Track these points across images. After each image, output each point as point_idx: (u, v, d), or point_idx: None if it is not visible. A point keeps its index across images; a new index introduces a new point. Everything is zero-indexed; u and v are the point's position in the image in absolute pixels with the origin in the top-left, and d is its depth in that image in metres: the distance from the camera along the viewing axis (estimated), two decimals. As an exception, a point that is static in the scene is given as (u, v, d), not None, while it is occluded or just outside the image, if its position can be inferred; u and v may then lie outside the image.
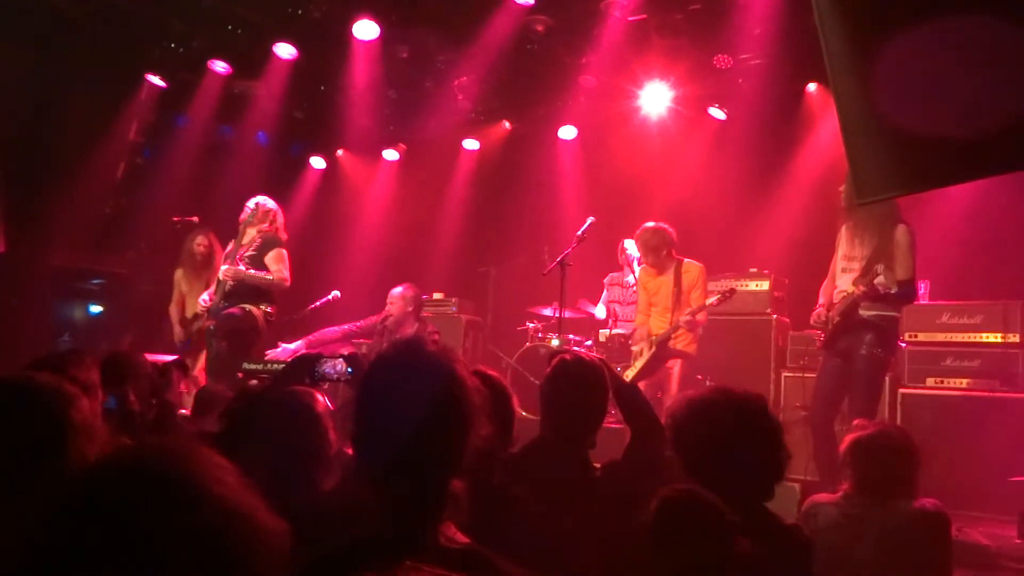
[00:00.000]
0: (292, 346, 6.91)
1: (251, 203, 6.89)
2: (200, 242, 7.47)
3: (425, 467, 1.77)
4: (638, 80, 8.81)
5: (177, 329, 7.43)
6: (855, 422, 3.87)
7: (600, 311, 8.23)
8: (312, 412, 2.62)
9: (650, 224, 6.87)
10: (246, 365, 6.17)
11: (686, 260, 6.78)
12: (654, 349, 6.64)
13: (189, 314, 7.40)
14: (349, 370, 2.84)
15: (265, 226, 6.78)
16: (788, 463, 2.40)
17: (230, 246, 6.95)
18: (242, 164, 9.49)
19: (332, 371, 2.84)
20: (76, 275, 9.24)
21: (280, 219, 6.96)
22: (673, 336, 6.57)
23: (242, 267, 6.55)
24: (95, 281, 8.76)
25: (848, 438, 3.28)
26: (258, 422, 2.59)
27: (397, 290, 7.29)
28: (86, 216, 8.81)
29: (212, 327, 6.58)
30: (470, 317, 8.74)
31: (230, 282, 6.59)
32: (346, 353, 2.89)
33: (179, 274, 7.60)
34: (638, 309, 7.07)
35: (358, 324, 7.36)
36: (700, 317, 6.53)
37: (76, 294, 9.30)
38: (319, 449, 2.57)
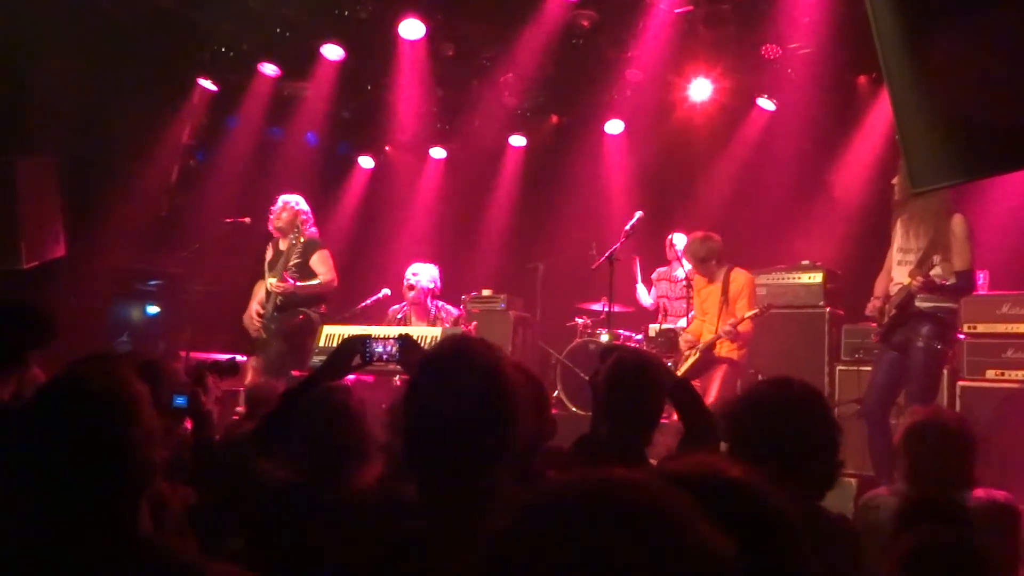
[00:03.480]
0: None
1: (279, 204, 6.94)
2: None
3: (472, 460, 1.81)
4: (685, 72, 8.75)
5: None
6: (910, 410, 3.81)
7: (641, 293, 8.18)
8: (346, 408, 2.66)
9: (698, 234, 6.85)
10: (314, 361, 6.23)
11: (735, 269, 6.71)
12: (698, 354, 6.63)
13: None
14: (397, 350, 2.84)
15: (301, 227, 6.84)
16: (841, 470, 2.36)
17: (269, 253, 7.05)
18: (291, 164, 9.60)
19: (384, 350, 2.85)
20: (133, 276, 9.44)
21: (309, 215, 6.99)
22: (717, 343, 6.55)
23: (291, 280, 6.63)
24: (152, 282, 8.94)
25: (902, 425, 3.23)
26: (292, 420, 2.63)
27: (421, 267, 7.29)
28: (142, 218, 8.98)
29: (272, 328, 6.69)
30: (519, 313, 8.75)
31: (280, 297, 6.68)
32: (399, 334, 2.90)
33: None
34: (695, 310, 7.05)
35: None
36: (742, 328, 6.45)
37: (134, 295, 9.50)
38: (354, 445, 2.60)
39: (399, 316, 7.39)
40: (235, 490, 2.76)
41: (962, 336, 6.42)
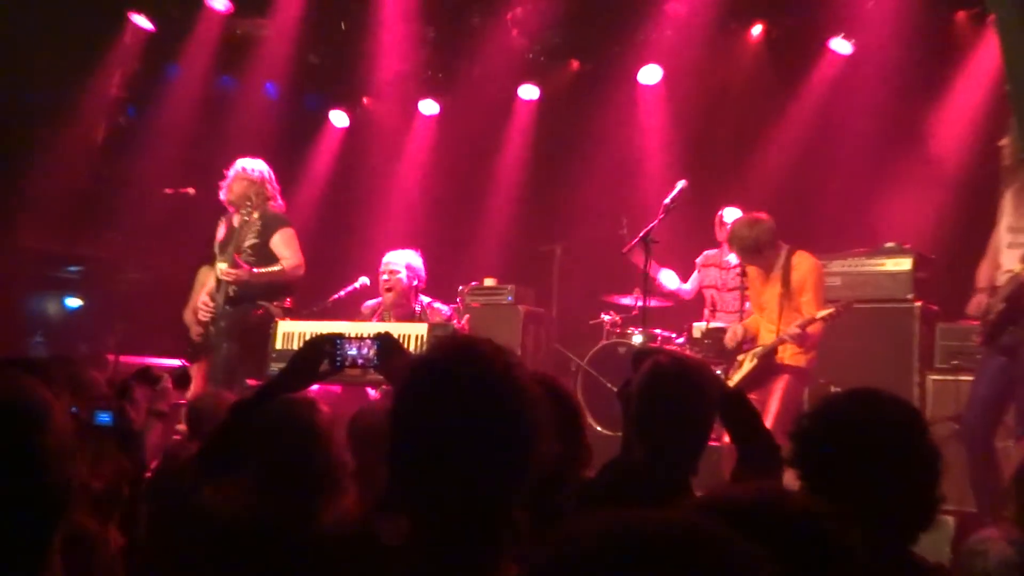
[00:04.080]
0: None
1: (232, 171, 6.93)
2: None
3: (478, 493, 1.80)
4: (741, 4, 8.72)
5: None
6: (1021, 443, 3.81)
7: (667, 278, 8.09)
8: (311, 426, 2.66)
9: (743, 218, 6.78)
10: (272, 367, 6.23)
11: (797, 253, 6.63)
12: (756, 361, 6.60)
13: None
14: (375, 354, 2.83)
15: (260, 199, 6.81)
16: (940, 507, 2.35)
17: (220, 231, 7.02)
18: (247, 122, 9.61)
19: (359, 353, 2.84)
20: (49, 262, 9.46)
21: (273, 184, 6.99)
22: (779, 347, 6.51)
23: (246, 265, 6.62)
24: (72, 269, 8.97)
25: (1014, 462, 3.23)
26: (243, 441, 2.63)
27: (399, 255, 7.28)
28: (60, 190, 9.00)
29: (223, 325, 6.68)
30: (530, 308, 8.75)
31: (233, 286, 6.68)
32: (378, 332, 2.90)
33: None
34: (751, 303, 7.02)
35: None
36: (811, 329, 6.41)
37: (50, 285, 9.53)
38: (321, 472, 2.60)
39: (374, 318, 7.38)
40: (175, 529, 2.77)
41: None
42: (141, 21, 9.00)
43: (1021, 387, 5.32)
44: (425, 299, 7.51)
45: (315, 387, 6.69)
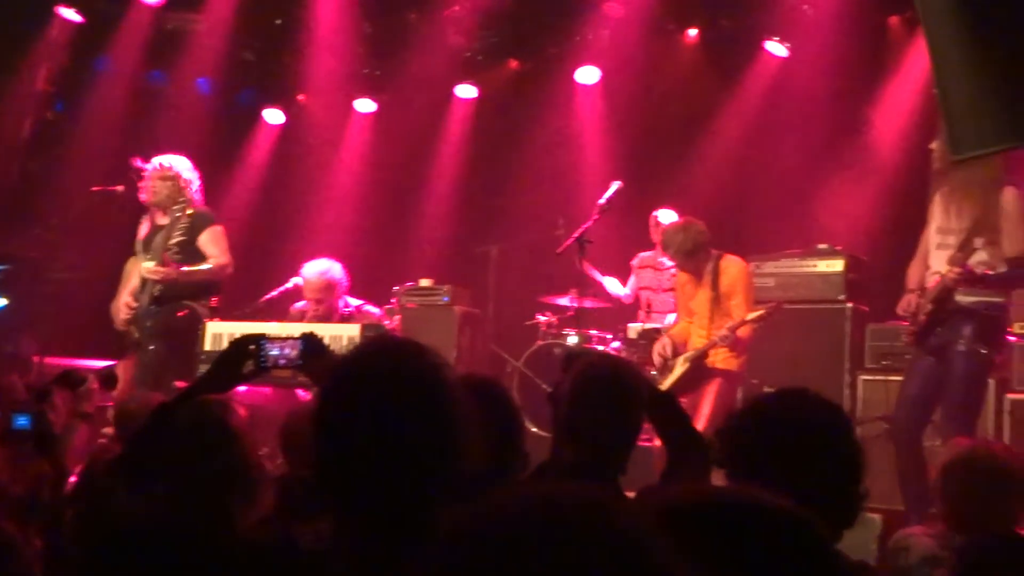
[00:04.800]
0: None
1: (152, 171, 6.83)
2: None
3: (402, 494, 1.80)
4: (677, 7, 8.78)
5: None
6: (952, 441, 3.87)
7: (612, 284, 8.19)
8: (224, 427, 2.63)
9: (675, 224, 6.84)
10: (202, 369, 6.17)
11: (725, 257, 6.69)
12: (687, 365, 6.64)
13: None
14: (300, 352, 2.81)
15: (182, 196, 6.71)
16: (864, 503, 2.38)
17: (144, 228, 6.92)
18: (179, 118, 9.49)
19: (282, 354, 2.81)
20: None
21: (192, 180, 6.88)
22: (710, 351, 6.56)
23: (172, 264, 6.52)
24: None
25: (940, 461, 3.28)
26: (160, 444, 2.59)
27: (315, 270, 7.22)
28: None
29: (148, 325, 6.58)
30: (466, 309, 8.73)
31: (159, 285, 6.57)
32: (302, 332, 2.87)
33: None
34: (678, 310, 7.06)
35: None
36: (742, 333, 6.48)
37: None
38: (237, 475, 2.58)
39: (304, 317, 7.32)
40: (95, 534, 2.72)
41: (1013, 338, 6.53)
42: (69, 14, 8.84)
43: (949, 387, 5.41)
44: (355, 301, 7.46)
45: (243, 388, 6.67)
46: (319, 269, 7.25)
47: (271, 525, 2.38)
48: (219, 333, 6.26)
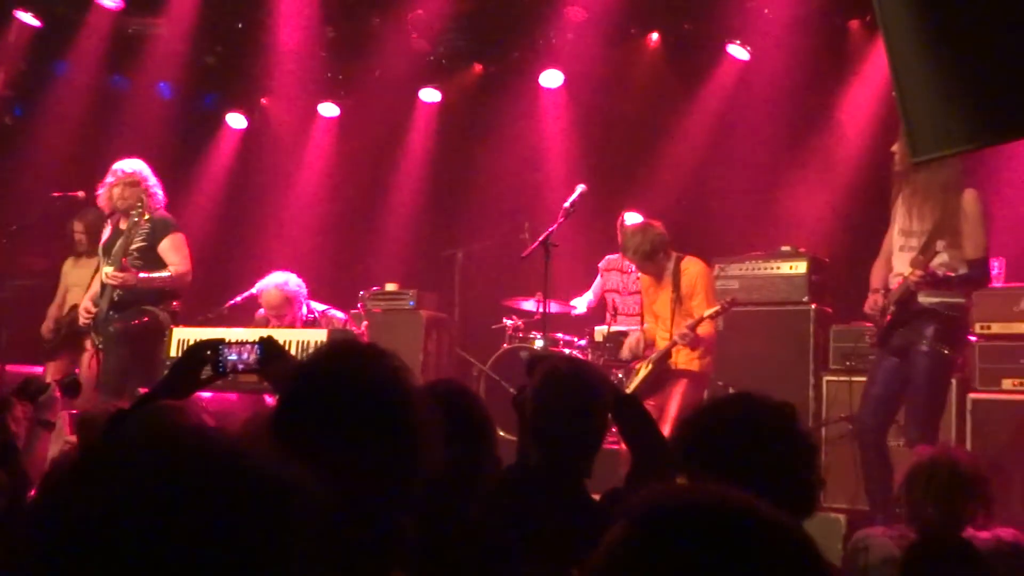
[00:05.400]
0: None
1: (113, 176, 6.79)
2: (77, 229, 7.65)
3: (362, 498, 1.80)
4: (639, 11, 8.81)
5: (47, 324, 7.61)
6: (915, 450, 3.91)
7: (579, 303, 8.25)
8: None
9: (632, 227, 6.87)
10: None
11: (685, 259, 6.74)
12: (651, 367, 6.68)
13: (66, 309, 7.57)
14: (258, 356, 2.82)
15: (146, 202, 6.68)
16: (820, 490, 2.42)
17: (106, 234, 6.90)
18: (139, 123, 9.41)
19: (240, 359, 2.82)
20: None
21: (154, 185, 6.85)
22: (673, 351, 6.59)
23: (132, 270, 6.50)
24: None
25: (905, 467, 3.33)
26: (114, 451, 2.58)
27: (270, 284, 7.22)
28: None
29: (111, 331, 6.54)
30: (432, 313, 8.73)
31: (119, 291, 6.54)
32: (260, 336, 2.87)
33: (67, 265, 7.74)
34: (643, 313, 7.09)
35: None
36: (702, 331, 6.50)
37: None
38: None
39: (269, 323, 7.29)
40: (47, 542, 2.68)
41: (974, 338, 6.61)
42: (26, 18, 8.75)
43: (912, 388, 5.46)
44: (320, 307, 7.44)
45: (209, 394, 6.63)
46: (275, 282, 7.23)
47: None
48: (184, 339, 6.23)
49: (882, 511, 5.22)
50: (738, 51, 8.91)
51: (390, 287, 8.90)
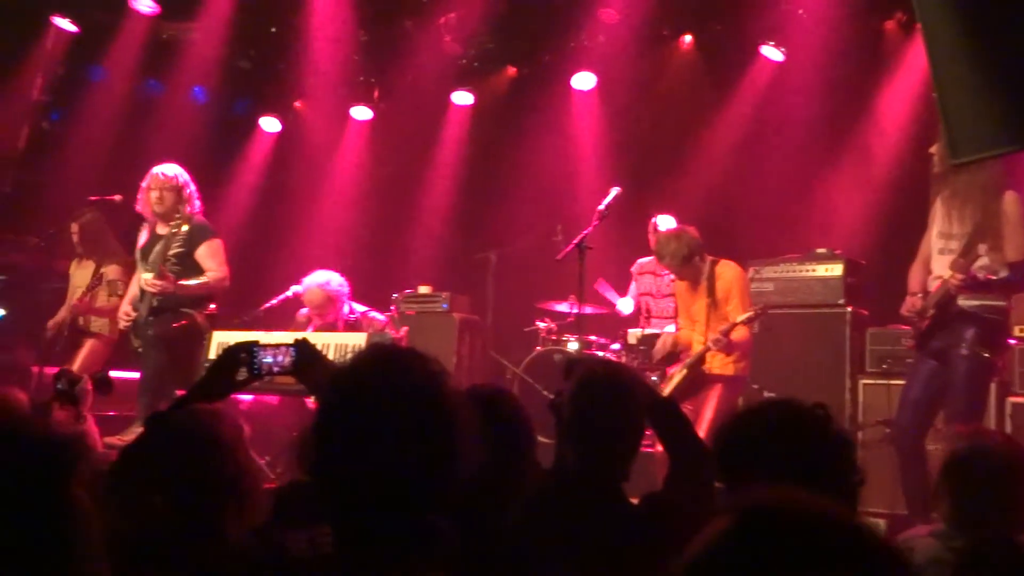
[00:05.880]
0: None
1: (152, 181, 6.85)
2: (73, 230, 7.75)
3: (402, 501, 1.82)
4: (671, 12, 8.79)
5: (51, 324, 7.68)
6: (950, 431, 3.85)
7: (625, 304, 8.23)
8: (214, 435, 2.63)
9: (667, 232, 6.85)
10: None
11: (720, 263, 6.72)
12: (686, 372, 6.66)
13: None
14: (293, 358, 2.84)
15: (182, 208, 6.74)
16: (860, 490, 2.40)
17: (142, 237, 6.95)
18: (175, 127, 9.49)
19: (274, 361, 2.84)
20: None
21: (192, 190, 6.93)
22: (707, 356, 6.57)
23: (171, 277, 6.55)
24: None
25: (941, 453, 3.27)
26: (152, 453, 2.60)
27: (314, 283, 7.27)
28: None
29: (150, 335, 6.61)
30: (465, 316, 8.74)
31: (157, 297, 6.61)
32: (295, 339, 2.89)
33: (72, 266, 7.95)
34: (678, 316, 7.08)
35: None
36: (736, 336, 6.47)
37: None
38: (226, 484, 2.57)
39: (310, 328, 7.34)
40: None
41: (1014, 341, 6.54)
42: (64, 24, 8.84)
43: (951, 391, 5.41)
44: (360, 308, 7.46)
45: (250, 397, 6.66)
46: (318, 282, 7.27)
47: (263, 533, 2.39)
48: (225, 343, 6.27)
49: (921, 515, 5.17)
50: (772, 52, 8.88)
51: (423, 289, 8.92)
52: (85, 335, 7.57)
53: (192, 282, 6.67)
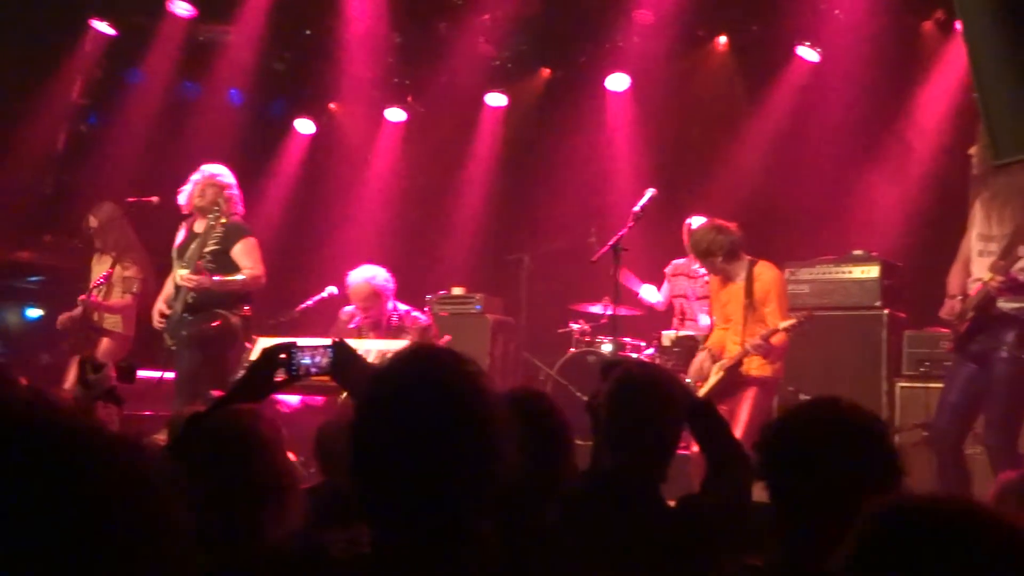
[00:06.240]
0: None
1: (196, 176, 6.92)
2: (92, 224, 7.74)
3: (441, 504, 1.81)
4: (706, 13, 8.76)
5: (63, 317, 7.72)
6: (999, 477, 3.83)
7: (649, 292, 8.17)
8: (253, 436, 2.64)
9: (706, 223, 6.75)
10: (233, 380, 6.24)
11: (759, 263, 6.61)
12: (722, 373, 6.60)
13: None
14: (331, 359, 2.85)
15: (224, 207, 6.78)
16: None
17: (180, 235, 7.00)
18: (211, 128, 9.55)
19: (312, 362, 2.86)
20: (9, 271, 9.35)
21: (236, 193, 6.98)
22: (744, 359, 6.50)
23: (207, 273, 6.58)
24: (33, 278, 8.88)
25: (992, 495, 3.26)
26: (193, 452, 2.62)
27: (359, 277, 7.26)
28: (20, 198, 8.91)
29: (184, 334, 6.65)
30: (498, 317, 8.75)
31: (192, 293, 6.64)
32: (332, 341, 2.91)
33: (93, 261, 7.95)
34: (715, 318, 7.02)
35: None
36: (775, 341, 6.39)
37: (9, 294, 9.41)
38: (264, 483, 2.59)
39: (352, 324, 7.35)
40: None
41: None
42: (102, 27, 8.92)
43: (991, 394, 5.36)
44: (403, 307, 7.47)
45: (298, 398, 6.68)
46: (364, 276, 7.28)
47: (303, 534, 2.40)
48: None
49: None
50: (808, 53, 8.83)
51: (457, 291, 8.94)
52: (100, 332, 7.57)
53: (228, 278, 6.70)
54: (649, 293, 8.20)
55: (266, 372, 2.85)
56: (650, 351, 7.77)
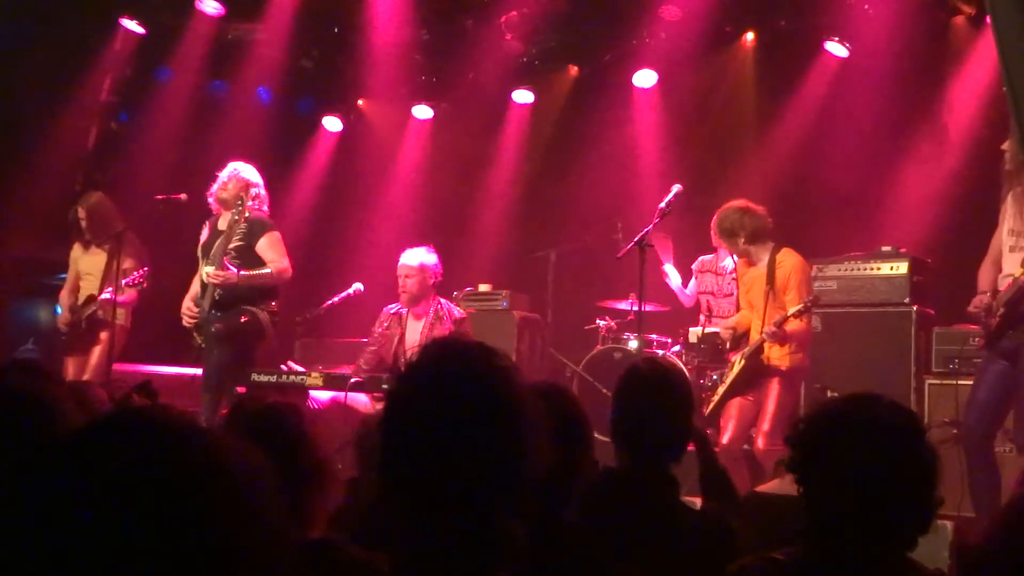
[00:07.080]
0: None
1: (224, 174, 6.96)
2: (80, 215, 7.76)
3: (471, 500, 1.78)
4: (734, 9, 8.72)
5: (64, 316, 7.78)
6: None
7: (673, 272, 8.16)
8: (298, 428, 2.66)
9: (734, 204, 6.73)
10: (255, 377, 6.31)
11: (783, 250, 6.57)
12: (744, 362, 6.56)
13: (82, 298, 7.72)
14: None
15: (248, 203, 6.81)
16: (942, 505, 2.34)
17: (204, 232, 7.03)
18: (240, 127, 9.60)
19: None
20: (41, 269, 9.42)
21: (262, 190, 7.01)
22: (765, 347, 6.46)
23: (232, 269, 6.61)
24: (63, 276, 8.93)
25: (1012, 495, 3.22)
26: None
27: (414, 257, 7.28)
28: (51, 196, 8.97)
29: (212, 331, 6.67)
30: (525, 314, 8.75)
31: (219, 289, 6.67)
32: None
33: (76, 251, 7.94)
34: (741, 302, 7.00)
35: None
36: (790, 328, 6.34)
37: (41, 292, 9.48)
38: (308, 472, 2.60)
39: (389, 318, 7.34)
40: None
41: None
42: (132, 26, 8.98)
43: (1021, 391, 5.31)
44: (443, 301, 7.48)
45: (327, 396, 6.70)
46: (416, 251, 7.30)
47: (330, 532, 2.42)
48: None
49: (988, 517, 5.09)
50: (836, 48, 8.77)
51: (483, 287, 8.95)
52: (105, 325, 7.49)
53: (254, 272, 6.72)
54: (672, 274, 8.18)
55: None
56: (676, 348, 7.75)
